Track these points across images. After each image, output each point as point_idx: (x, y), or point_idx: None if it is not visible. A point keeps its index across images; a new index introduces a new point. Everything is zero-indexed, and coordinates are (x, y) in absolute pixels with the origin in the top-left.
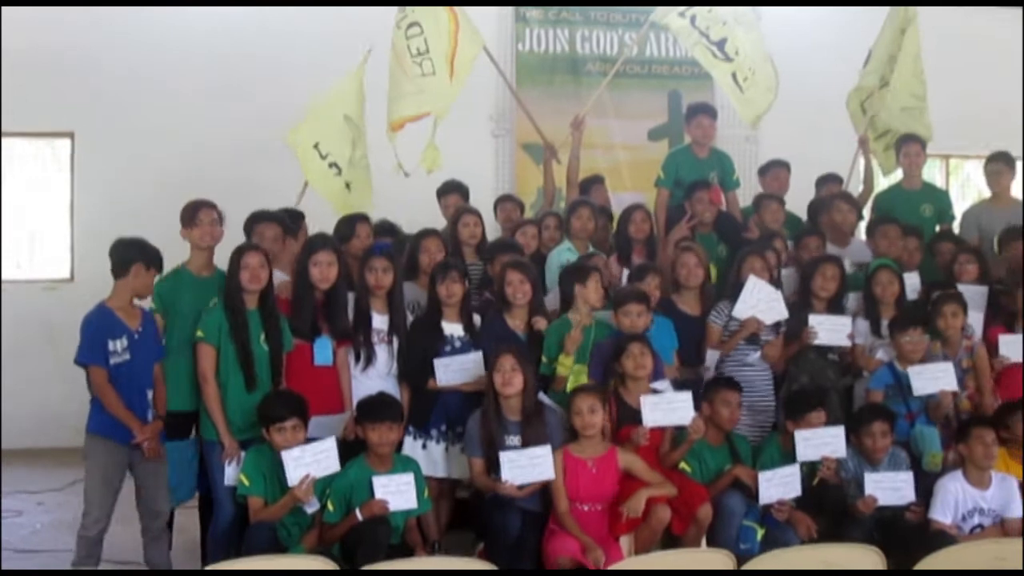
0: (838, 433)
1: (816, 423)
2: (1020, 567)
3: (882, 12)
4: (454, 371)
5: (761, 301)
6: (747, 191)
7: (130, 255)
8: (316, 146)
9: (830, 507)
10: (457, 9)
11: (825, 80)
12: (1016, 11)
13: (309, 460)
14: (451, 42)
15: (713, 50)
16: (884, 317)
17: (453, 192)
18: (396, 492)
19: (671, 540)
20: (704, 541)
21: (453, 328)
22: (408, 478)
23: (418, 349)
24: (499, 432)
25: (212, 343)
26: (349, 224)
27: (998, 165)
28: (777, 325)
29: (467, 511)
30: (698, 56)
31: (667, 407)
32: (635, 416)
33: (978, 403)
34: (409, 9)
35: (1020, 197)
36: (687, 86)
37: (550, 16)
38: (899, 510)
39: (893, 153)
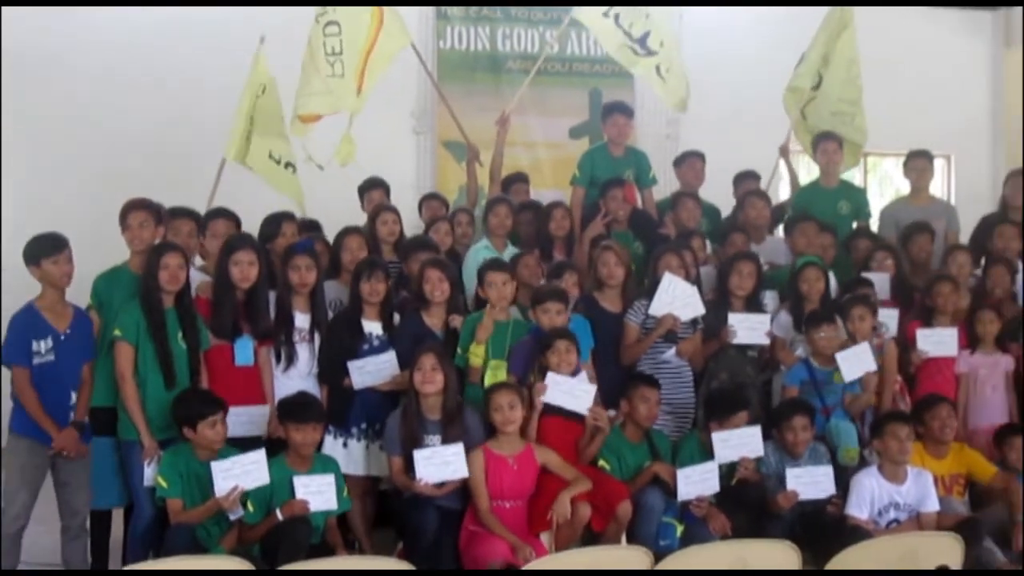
0: (755, 433)
1: (738, 424)
2: (932, 561)
3: (805, 13)
4: (368, 372)
5: (677, 298)
6: (667, 189)
7: (35, 250)
8: (271, 155)
9: (751, 503)
10: (386, 9)
11: (745, 79)
12: (935, 10)
13: (238, 472)
14: (368, 40)
15: (635, 47)
16: None
17: (376, 188)
18: (317, 492)
19: (591, 537)
20: (624, 538)
21: (372, 326)
22: (329, 478)
23: (336, 346)
24: (419, 431)
25: (130, 341)
26: (274, 223)
27: (919, 162)
28: (695, 321)
29: (391, 509)
30: (619, 58)
31: (569, 390)
32: (556, 412)
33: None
34: (331, 8)
35: (938, 194)
36: (608, 84)
37: (471, 14)
38: (820, 504)
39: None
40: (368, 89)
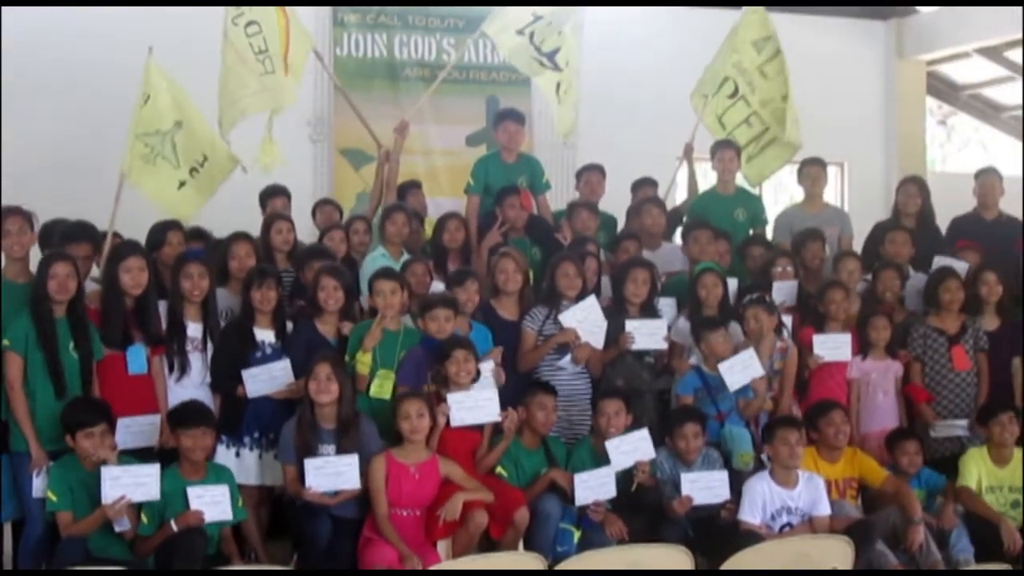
0: (644, 436)
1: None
2: (824, 564)
3: (705, 23)
4: (263, 381)
5: (588, 321)
6: (566, 197)
7: None
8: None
9: (647, 507)
10: (288, 9)
11: (643, 86)
12: (829, 19)
13: (128, 481)
14: (283, 41)
15: (543, 60)
16: None
17: (277, 196)
18: (211, 502)
19: (489, 544)
20: (521, 544)
21: (265, 335)
22: (223, 489)
23: (228, 355)
24: (313, 440)
25: (19, 351)
26: (160, 232)
27: (813, 169)
28: None
29: (287, 518)
30: (526, 70)
31: (473, 405)
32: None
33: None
34: (246, 8)
35: (832, 201)
36: (505, 92)
37: (368, 20)
38: (714, 509)
39: (760, 163)
40: (294, 89)
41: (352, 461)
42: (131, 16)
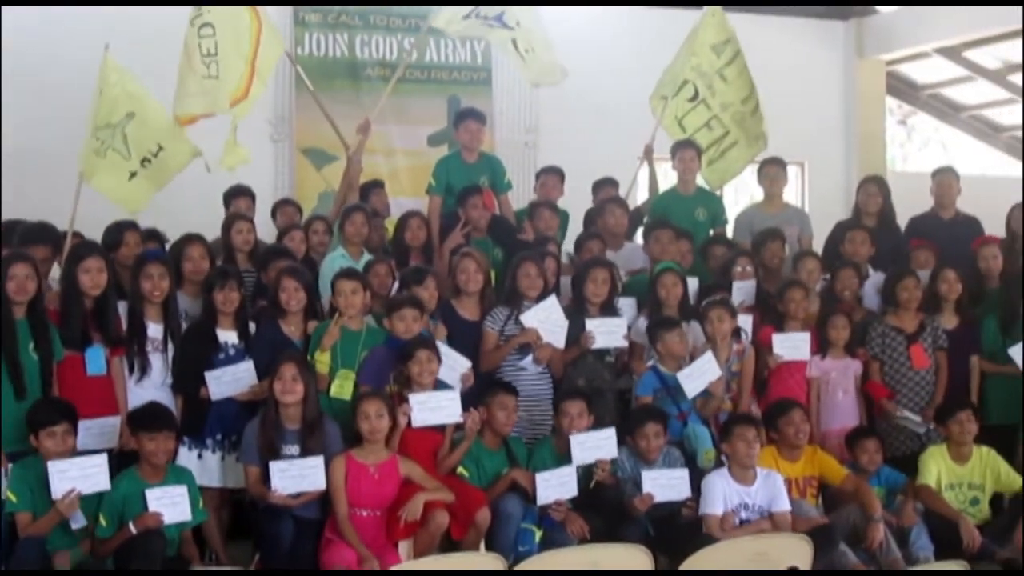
0: (609, 435)
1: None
2: (783, 562)
3: (665, 24)
4: (226, 383)
5: (550, 321)
6: (528, 197)
7: None
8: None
9: (607, 506)
10: (260, 9)
11: (604, 87)
12: (789, 19)
13: (76, 474)
14: (252, 43)
15: (490, 23)
16: None
17: (241, 196)
18: (170, 504)
19: (450, 544)
20: (483, 545)
21: (228, 336)
22: (182, 489)
23: (191, 357)
24: (277, 441)
25: None
26: (117, 232)
27: (773, 169)
28: None
29: (248, 520)
30: (476, 33)
31: (435, 406)
32: None
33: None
34: (205, 9)
35: (793, 201)
36: (466, 91)
37: (329, 20)
38: (675, 508)
39: (721, 167)
40: (257, 93)
41: (317, 463)
42: (90, 15)
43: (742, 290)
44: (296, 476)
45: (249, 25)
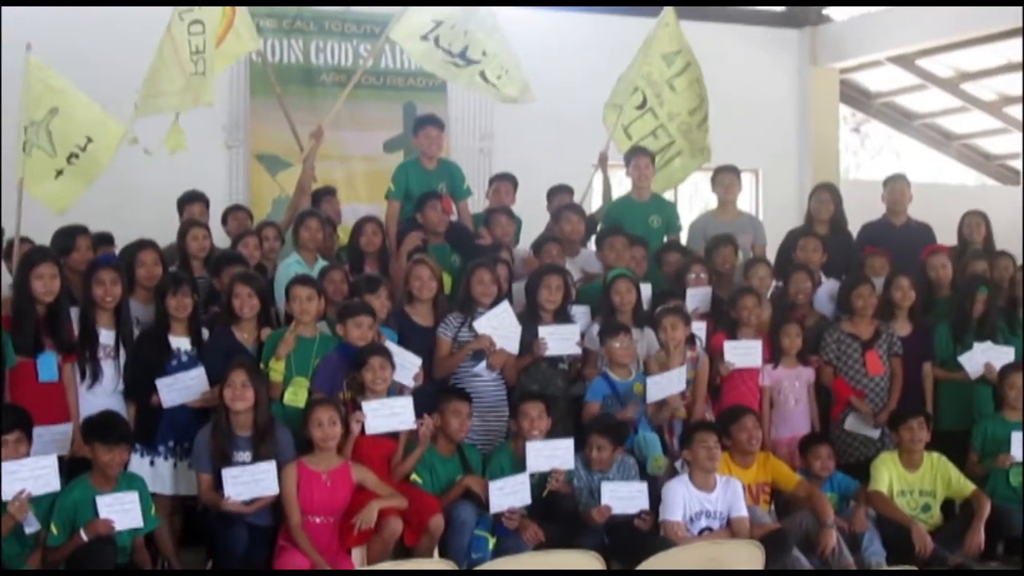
0: (568, 445)
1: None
2: (733, 568)
3: (620, 32)
4: (178, 390)
5: (503, 327)
6: (483, 202)
7: None
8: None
9: (563, 515)
10: (239, 9)
11: (560, 94)
12: (743, 27)
13: (26, 475)
14: (216, 37)
15: (456, 61)
16: None
17: (195, 202)
18: (121, 510)
19: (404, 551)
20: (436, 551)
21: (180, 342)
22: (133, 496)
23: (143, 364)
24: (229, 448)
25: None
26: (68, 236)
27: (727, 176)
28: None
29: (201, 527)
30: (441, 74)
31: (388, 413)
32: None
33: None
34: (197, 8)
35: (747, 208)
36: (422, 98)
37: (284, 26)
38: (629, 517)
39: (665, 174)
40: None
41: (269, 468)
42: (12, 15)
43: (696, 297)
44: (248, 482)
45: (220, 21)
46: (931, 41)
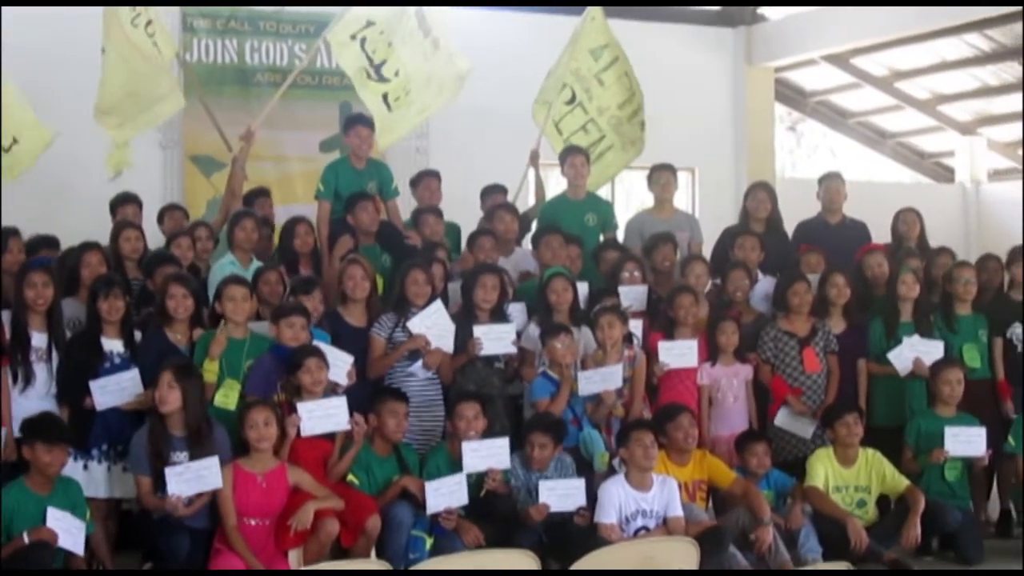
0: (503, 444)
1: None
2: (668, 566)
3: (552, 29)
4: (111, 392)
5: (437, 326)
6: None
7: None
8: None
9: (501, 514)
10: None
11: (494, 93)
12: (678, 27)
13: None
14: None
15: (369, 71)
16: None
17: (128, 203)
18: (66, 530)
19: (341, 552)
20: (374, 552)
21: (113, 344)
22: (81, 525)
23: (76, 366)
24: (165, 449)
25: None
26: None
27: (663, 175)
28: None
29: (135, 531)
30: (354, 78)
31: (323, 414)
32: None
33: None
34: (142, 8)
35: (683, 207)
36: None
37: (218, 26)
38: (568, 515)
39: (597, 169)
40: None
41: (212, 463)
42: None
43: (630, 295)
44: (192, 479)
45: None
46: (865, 40)
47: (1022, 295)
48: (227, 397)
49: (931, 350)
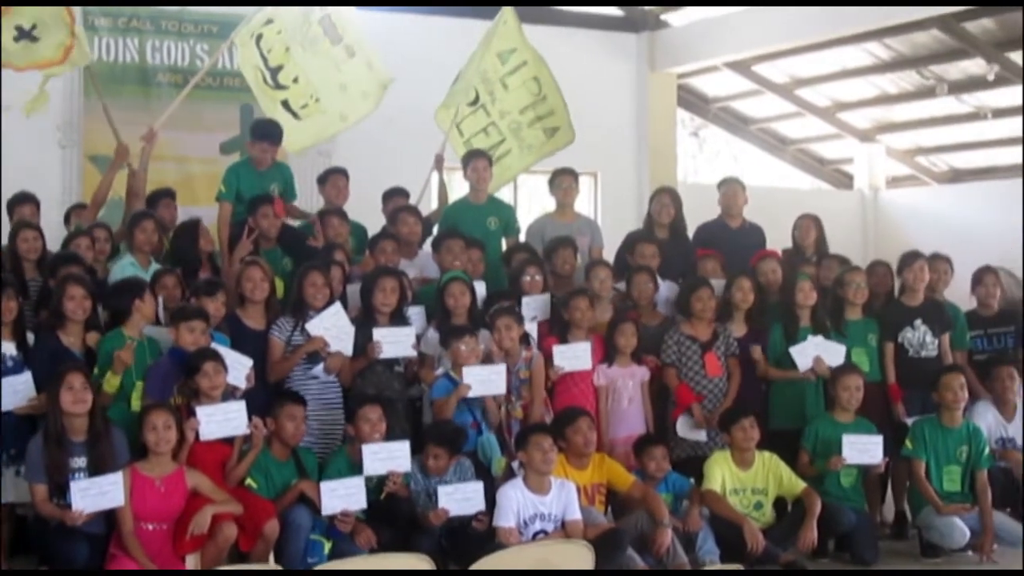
0: (403, 447)
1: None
2: (562, 567)
3: (467, 31)
4: (4, 396)
5: (336, 328)
6: (320, 205)
7: None
8: None
9: (401, 518)
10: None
11: (399, 96)
12: (581, 31)
13: None
14: (70, 35)
15: (264, 74)
16: None
17: (25, 203)
18: None
19: (239, 557)
20: (272, 556)
21: (6, 347)
22: None
23: None
24: (63, 456)
25: None
26: None
27: (565, 179)
28: None
29: (30, 535)
30: (251, 83)
31: (222, 418)
32: None
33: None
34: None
35: (585, 211)
36: None
37: (119, 24)
38: (466, 519)
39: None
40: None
41: (116, 479)
42: None
43: (532, 305)
44: (96, 495)
45: (65, 17)
46: (767, 47)
47: (914, 300)
48: (137, 400)
49: (833, 352)
